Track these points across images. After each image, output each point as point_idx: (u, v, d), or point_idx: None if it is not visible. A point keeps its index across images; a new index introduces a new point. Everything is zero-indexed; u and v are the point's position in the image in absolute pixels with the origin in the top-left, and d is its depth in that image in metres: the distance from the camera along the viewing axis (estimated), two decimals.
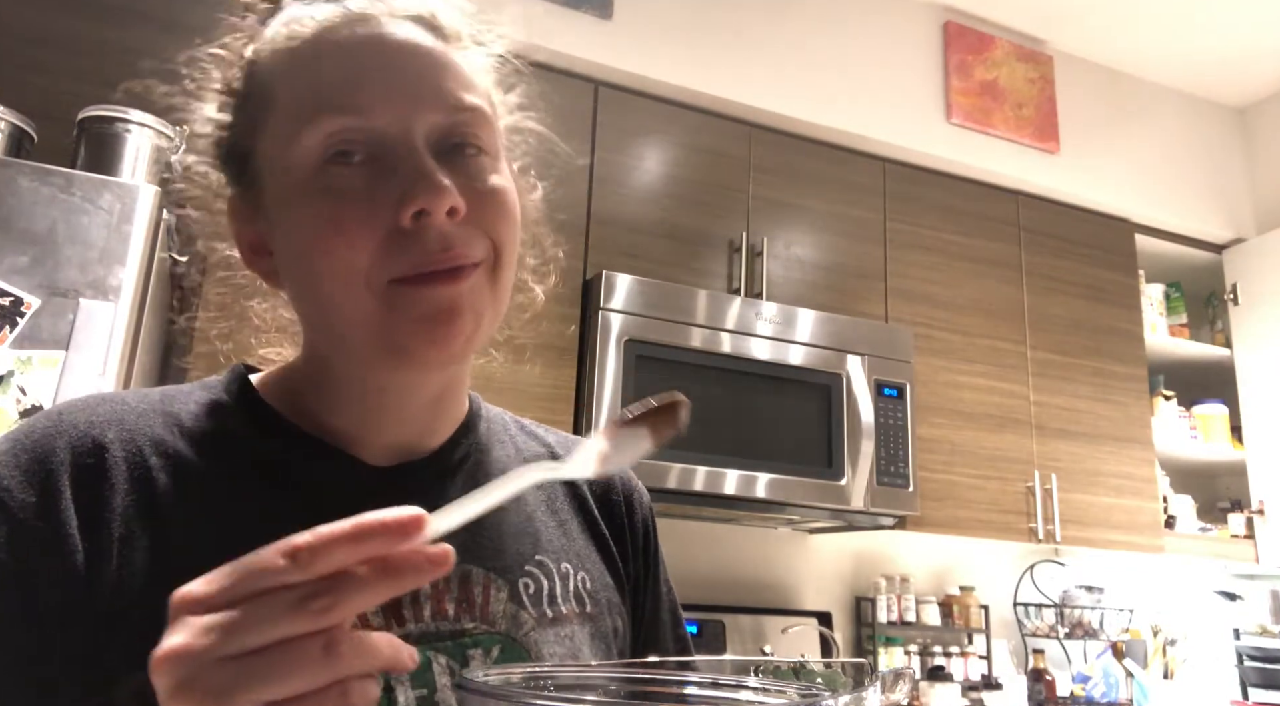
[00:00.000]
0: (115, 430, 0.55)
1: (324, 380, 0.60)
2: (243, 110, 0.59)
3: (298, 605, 0.35)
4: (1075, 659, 2.99)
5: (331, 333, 0.57)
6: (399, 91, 0.55)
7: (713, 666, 0.48)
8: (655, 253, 2.43)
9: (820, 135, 2.75)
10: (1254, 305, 3.21)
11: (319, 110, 0.53)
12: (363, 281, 0.53)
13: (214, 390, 0.62)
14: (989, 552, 3.04)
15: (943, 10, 3.04)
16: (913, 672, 2.62)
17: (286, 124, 0.55)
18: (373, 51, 0.55)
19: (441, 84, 0.56)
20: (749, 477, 2.27)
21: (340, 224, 0.52)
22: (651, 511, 0.75)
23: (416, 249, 0.52)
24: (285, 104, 0.55)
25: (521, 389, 2.13)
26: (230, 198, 0.61)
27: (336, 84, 0.54)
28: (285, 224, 0.56)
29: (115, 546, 0.51)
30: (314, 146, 0.53)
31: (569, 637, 0.61)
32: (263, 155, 0.57)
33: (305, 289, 0.57)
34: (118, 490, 0.53)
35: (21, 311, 1.38)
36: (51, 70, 1.88)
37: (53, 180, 1.45)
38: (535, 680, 0.45)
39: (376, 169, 0.53)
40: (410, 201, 0.52)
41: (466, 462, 0.64)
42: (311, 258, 0.54)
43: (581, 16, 2.44)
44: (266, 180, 0.57)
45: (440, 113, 0.55)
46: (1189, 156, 3.36)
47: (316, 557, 0.35)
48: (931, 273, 2.78)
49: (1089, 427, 2.89)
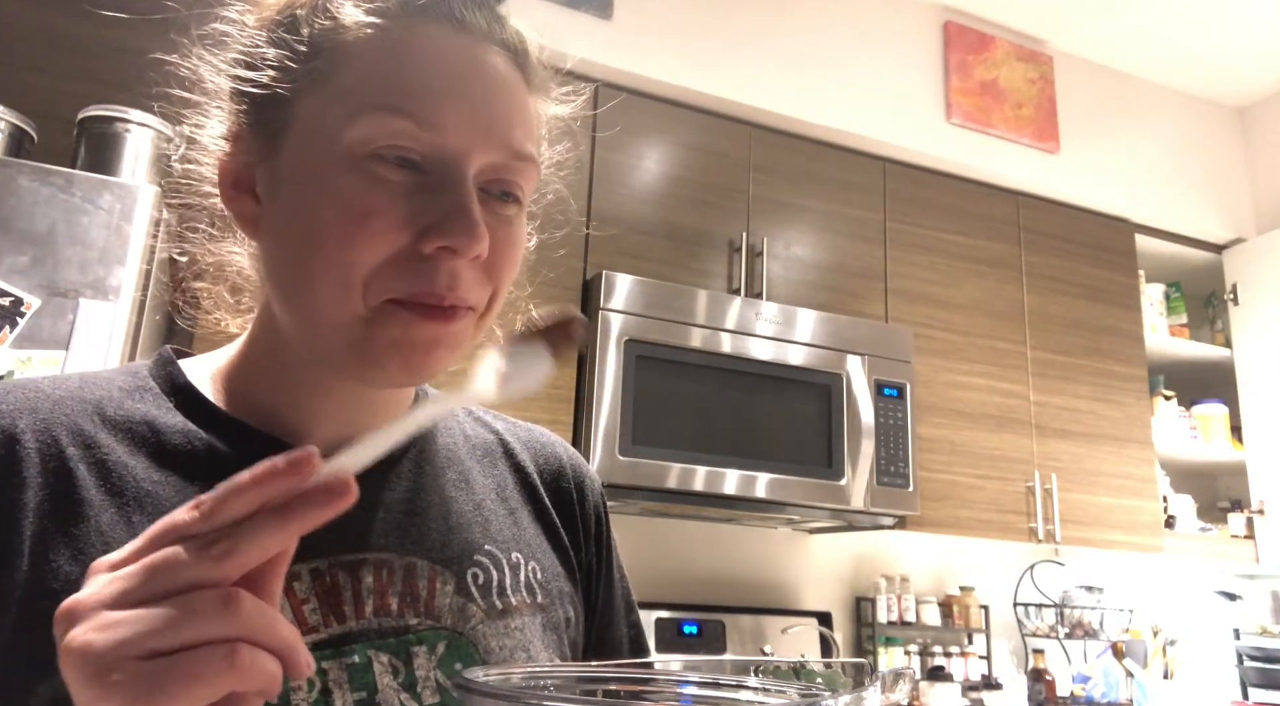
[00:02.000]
0: (28, 419, 0.52)
1: (270, 363, 0.57)
2: (302, 58, 0.53)
3: (197, 552, 0.34)
4: (1075, 659, 2.98)
5: (303, 318, 0.54)
6: (475, 119, 0.52)
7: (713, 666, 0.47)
8: (655, 253, 2.43)
9: (820, 135, 2.75)
10: (1254, 305, 3.21)
11: (391, 107, 0.51)
12: (360, 284, 0.50)
13: (139, 376, 0.58)
14: (989, 552, 3.04)
15: (943, 10, 3.04)
16: (913, 672, 2.62)
17: (349, 100, 0.51)
18: (460, 65, 0.53)
19: (513, 126, 0.54)
20: (749, 477, 2.27)
21: (366, 218, 0.50)
22: (603, 498, 0.74)
23: (424, 279, 0.50)
24: (355, 79, 0.52)
25: None
26: (236, 122, 0.56)
27: (416, 88, 0.51)
28: (302, 191, 0.52)
29: (28, 544, 0.48)
30: (370, 137, 0.50)
31: (519, 629, 0.60)
32: (305, 113, 0.53)
33: (294, 263, 0.53)
34: (30, 484, 0.50)
35: (21, 311, 1.38)
36: (51, 70, 1.88)
37: (53, 180, 1.45)
38: (535, 680, 0.45)
39: (420, 182, 0.51)
40: (443, 234, 0.50)
41: (412, 449, 0.62)
42: (319, 235, 0.51)
43: (581, 16, 2.44)
44: (296, 138, 0.53)
45: (502, 154, 0.53)
46: (1189, 156, 3.36)
47: (218, 507, 0.35)
48: (931, 273, 2.78)
49: (1089, 427, 2.89)
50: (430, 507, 0.61)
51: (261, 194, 0.55)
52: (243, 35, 0.56)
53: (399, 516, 0.59)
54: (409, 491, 0.61)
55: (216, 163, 0.57)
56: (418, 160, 0.51)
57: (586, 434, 2.13)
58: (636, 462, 2.15)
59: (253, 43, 0.55)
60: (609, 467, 2.12)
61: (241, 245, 0.62)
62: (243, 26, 0.56)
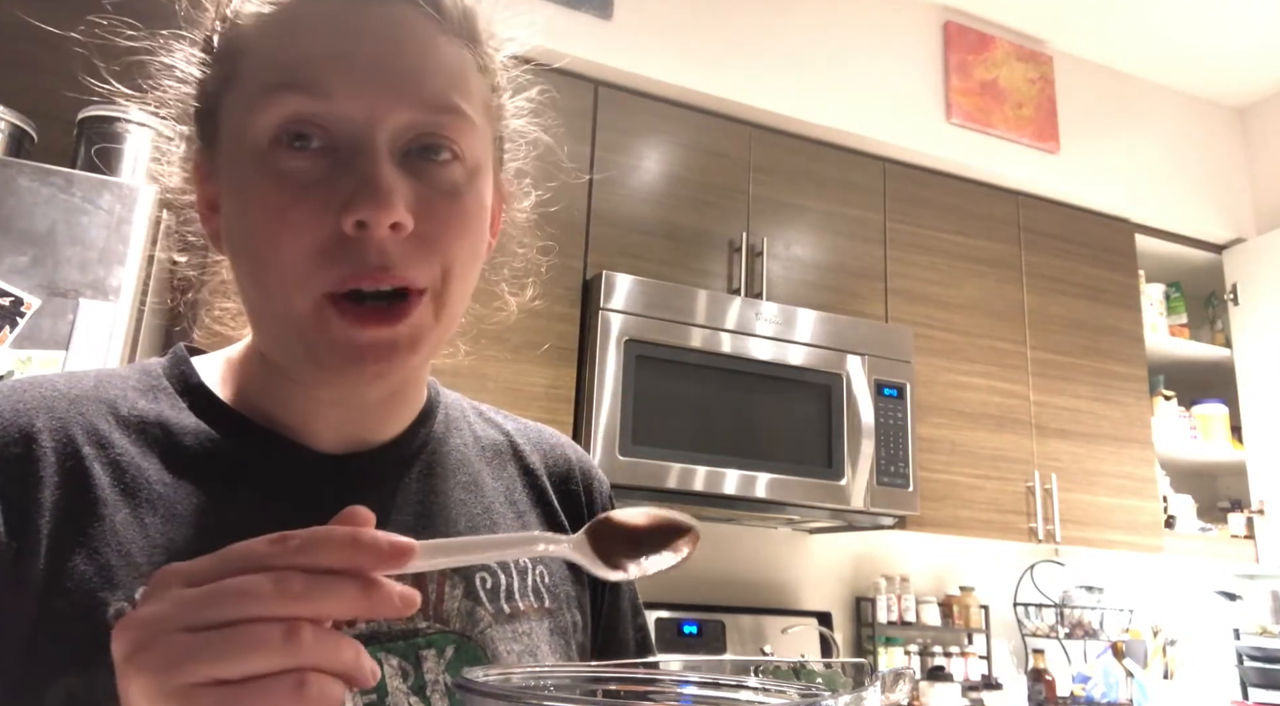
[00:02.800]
0: (45, 418, 0.51)
1: (262, 366, 0.57)
2: (213, 65, 0.54)
3: (271, 585, 0.34)
4: (1075, 659, 2.98)
5: (261, 326, 0.54)
6: (372, 78, 0.49)
7: (713, 666, 0.47)
8: (655, 253, 2.43)
9: (820, 135, 2.75)
10: (1254, 305, 3.21)
11: (281, 85, 0.49)
12: (296, 283, 0.49)
13: (153, 375, 0.58)
14: (989, 552, 3.04)
15: (943, 10, 3.04)
16: (913, 672, 2.62)
17: (248, 91, 0.50)
18: (353, 25, 0.50)
19: (425, 76, 0.51)
20: (749, 477, 2.27)
21: (284, 215, 0.48)
22: (611, 499, 0.74)
23: (353, 260, 0.48)
24: (251, 69, 0.51)
25: (521, 389, 2.13)
26: (195, 150, 0.57)
27: (303, 59, 0.49)
28: (233, 196, 0.52)
29: (44, 543, 0.48)
30: (269, 124, 0.49)
31: (527, 634, 0.60)
32: (224, 117, 0.53)
33: (246, 269, 0.52)
34: (47, 482, 0.49)
35: (21, 311, 1.38)
36: (51, 70, 1.88)
37: (53, 180, 1.45)
38: (535, 680, 0.45)
39: (334, 161, 0.49)
40: (351, 209, 0.47)
41: (424, 452, 0.62)
42: (254, 240, 0.50)
43: (581, 16, 2.44)
44: (224, 143, 0.53)
45: (416, 110, 0.50)
46: (1189, 156, 3.36)
47: (305, 548, 0.35)
48: (931, 273, 2.78)
49: (1089, 427, 2.89)
50: (441, 510, 0.61)
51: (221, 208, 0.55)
52: (177, 60, 0.57)
53: (410, 519, 0.59)
54: (420, 493, 0.61)
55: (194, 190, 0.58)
56: (324, 138, 0.49)
57: (586, 434, 2.13)
58: (637, 463, 2.15)
59: (186, 63, 0.57)
60: (609, 468, 2.12)
61: None
62: (173, 52, 0.58)
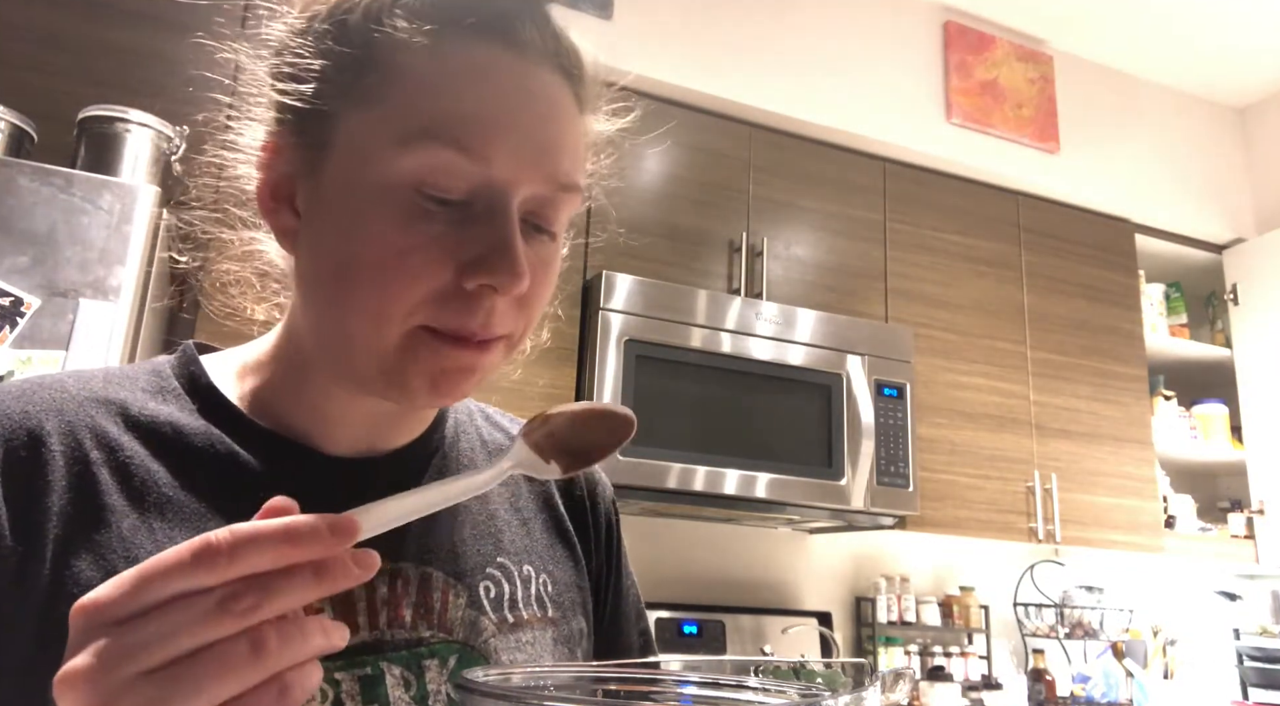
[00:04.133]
0: (54, 420, 0.51)
1: (293, 372, 0.56)
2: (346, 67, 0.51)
3: (218, 608, 0.32)
4: (1075, 659, 2.98)
5: (333, 342, 0.53)
6: (523, 150, 0.50)
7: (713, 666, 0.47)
8: (655, 253, 2.43)
9: (820, 135, 2.75)
10: (1254, 305, 3.21)
11: (436, 137, 0.48)
12: (394, 320, 0.49)
13: (162, 375, 0.57)
14: (989, 552, 3.04)
15: (943, 10, 3.04)
16: (913, 672, 2.62)
17: (396, 124, 0.49)
18: (516, 94, 0.50)
19: (562, 153, 0.52)
20: (749, 477, 2.27)
21: (404, 258, 0.48)
22: (615, 504, 0.74)
23: (463, 315, 0.49)
24: (404, 102, 0.49)
25: (521, 389, 2.12)
26: (278, 131, 0.54)
27: (470, 117, 0.49)
28: (338, 214, 0.50)
29: (50, 548, 0.47)
30: (413, 169, 0.48)
31: (531, 643, 0.59)
32: (349, 132, 0.50)
33: (329, 289, 0.51)
34: (54, 486, 0.49)
35: (21, 311, 1.38)
36: (51, 70, 1.88)
37: (53, 180, 1.45)
38: (535, 680, 0.45)
39: (463, 215, 0.49)
40: (488, 272, 0.48)
41: (435, 456, 0.62)
42: (358, 271, 0.49)
43: (581, 16, 2.44)
44: (339, 157, 0.51)
45: (548, 186, 0.51)
46: (1189, 156, 3.36)
47: (235, 560, 0.33)
48: (931, 273, 2.78)
49: (1089, 427, 2.89)
50: (446, 516, 0.60)
51: (301, 209, 0.53)
52: (289, 39, 0.53)
53: (416, 525, 0.58)
54: None
55: (259, 165, 0.55)
56: (460, 193, 0.49)
57: None
58: (637, 463, 2.15)
59: (300, 48, 0.52)
60: (609, 468, 2.10)
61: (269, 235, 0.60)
62: (290, 31, 0.53)
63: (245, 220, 0.61)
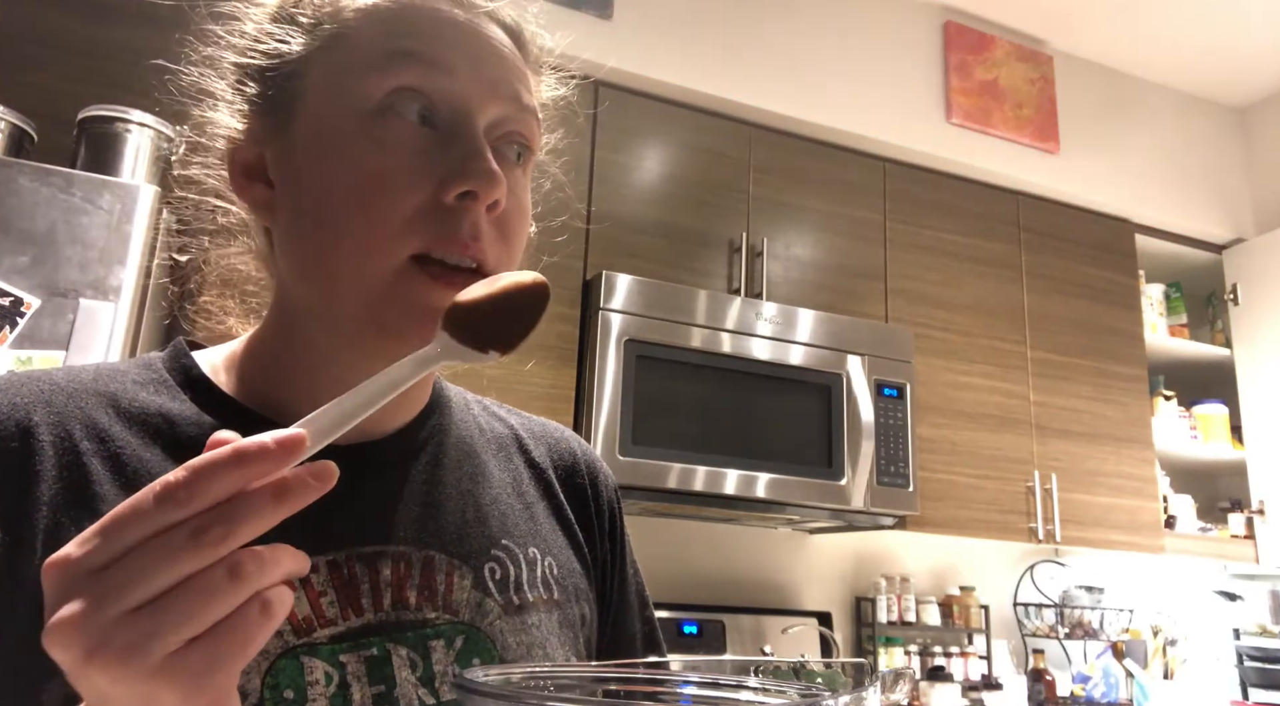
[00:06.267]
0: (42, 411, 0.51)
1: (283, 352, 0.57)
2: (308, 28, 0.55)
3: (191, 540, 0.33)
4: (1075, 659, 2.99)
5: (322, 286, 0.53)
6: (483, 70, 0.54)
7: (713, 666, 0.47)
8: (655, 253, 2.43)
9: (820, 135, 2.75)
10: (1254, 305, 3.21)
11: (404, 54, 0.52)
12: (386, 245, 0.51)
13: (153, 368, 0.58)
14: (989, 552, 3.04)
15: (943, 10, 3.04)
16: (913, 672, 2.62)
17: (358, 58, 0.53)
18: (467, 28, 0.55)
19: (515, 81, 0.56)
20: (749, 477, 2.27)
21: (384, 180, 0.51)
22: (617, 493, 0.74)
23: (448, 227, 0.51)
24: (363, 39, 0.54)
25: (521, 389, 2.13)
26: (243, 112, 0.57)
27: (426, 37, 0.53)
28: (318, 156, 0.53)
29: (40, 537, 0.47)
30: (384, 88, 0.52)
31: (536, 626, 0.59)
32: (314, 83, 0.54)
33: (314, 231, 0.53)
34: (44, 477, 0.49)
35: (21, 311, 1.38)
36: (51, 70, 1.88)
37: (53, 180, 1.45)
38: (535, 680, 0.45)
39: (433, 137, 0.52)
40: (463, 179, 0.51)
41: (430, 442, 0.62)
42: (342, 202, 0.51)
43: (581, 16, 2.44)
44: (308, 106, 0.54)
45: (508, 107, 0.55)
46: (1189, 156, 3.36)
47: (195, 492, 0.34)
48: (931, 273, 2.78)
49: (1089, 427, 2.89)
50: (447, 500, 0.60)
51: (274, 177, 0.56)
52: (250, 16, 0.58)
53: (416, 509, 0.59)
54: (426, 484, 0.60)
55: (225, 156, 0.57)
56: (429, 109, 0.52)
57: (586, 434, 2.13)
58: (637, 463, 2.15)
59: (260, 21, 0.57)
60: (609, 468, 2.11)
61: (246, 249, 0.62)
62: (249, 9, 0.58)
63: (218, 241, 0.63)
